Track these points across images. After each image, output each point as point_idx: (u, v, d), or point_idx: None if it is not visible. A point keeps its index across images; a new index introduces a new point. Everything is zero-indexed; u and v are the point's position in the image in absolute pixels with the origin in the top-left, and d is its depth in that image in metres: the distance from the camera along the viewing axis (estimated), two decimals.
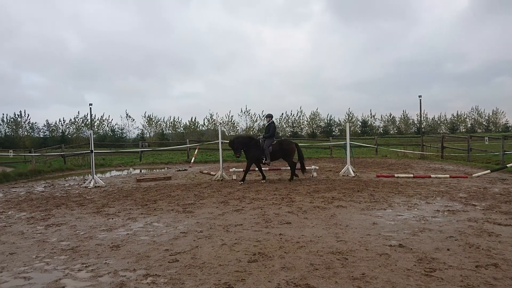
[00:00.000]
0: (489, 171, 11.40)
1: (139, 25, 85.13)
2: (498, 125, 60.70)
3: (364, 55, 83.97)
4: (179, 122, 54.54)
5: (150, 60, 78.93)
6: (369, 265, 3.77)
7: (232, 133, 50.28)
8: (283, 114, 56.50)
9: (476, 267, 3.65)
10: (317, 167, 12.79)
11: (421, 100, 21.21)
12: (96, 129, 50.21)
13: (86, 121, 50.14)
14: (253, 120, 53.89)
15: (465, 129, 59.55)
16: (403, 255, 4.04)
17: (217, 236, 5.06)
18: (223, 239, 4.87)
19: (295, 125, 56.35)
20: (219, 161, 12.81)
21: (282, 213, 6.45)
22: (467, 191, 8.39)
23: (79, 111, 57.81)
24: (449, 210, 6.38)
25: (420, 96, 21.17)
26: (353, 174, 11.97)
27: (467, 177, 10.73)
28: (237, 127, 53.95)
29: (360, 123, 56.94)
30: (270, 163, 11.32)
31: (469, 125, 60.40)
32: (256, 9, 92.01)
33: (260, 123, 52.46)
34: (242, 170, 11.91)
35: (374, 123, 57.70)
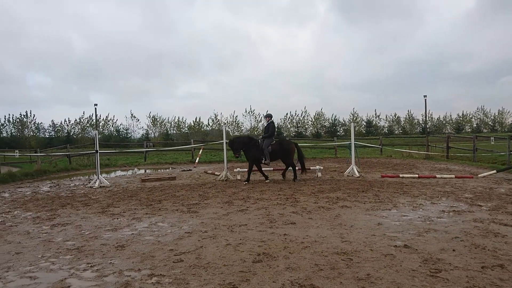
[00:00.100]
0: (495, 171, 11.33)
1: (143, 25, 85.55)
2: (504, 125, 60.21)
3: (369, 55, 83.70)
4: (184, 122, 54.61)
5: (154, 60, 79.14)
6: (374, 265, 3.76)
7: (236, 133, 50.20)
8: (287, 114, 56.35)
9: (482, 268, 3.63)
10: (321, 167, 12.77)
11: (426, 99, 21.03)
12: (101, 129, 50.39)
13: (91, 121, 50.32)
14: (258, 120, 53.83)
15: (470, 129, 59.14)
16: (408, 256, 4.02)
17: (221, 236, 5.07)
18: (228, 239, 4.88)
19: (299, 125, 56.21)
20: (223, 161, 12.83)
21: (286, 213, 6.45)
22: (472, 191, 8.34)
23: (84, 111, 58.28)
24: (454, 210, 6.34)
25: (425, 96, 20.95)
26: (357, 174, 11.94)
27: (472, 178, 10.67)
28: (241, 127, 53.91)
29: (364, 123, 56.72)
30: (269, 163, 11.28)
31: (475, 125, 59.97)
32: (260, 9, 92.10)
33: (265, 123, 52.26)
34: (246, 170, 11.91)
35: (379, 123, 57.45)
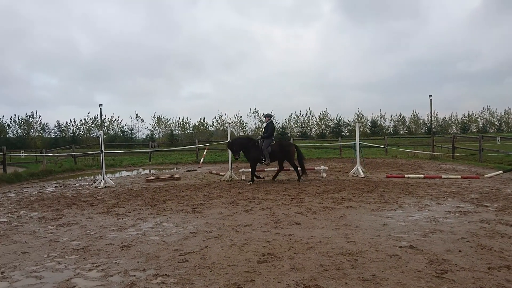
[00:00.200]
0: (501, 171, 11.24)
1: (148, 26, 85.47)
2: (510, 125, 59.71)
3: (373, 55, 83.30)
4: (188, 122, 54.61)
5: (159, 60, 79.15)
6: (379, 266, 3.74)
7: (241, 133, 50.22)
8: (292, 114, 56.29)
9: (488, 269, 3.60)
10: (326, 168, 12.75)
11: (431, 99, 20.88)
12: (106, 130, 50.47)
13: (96, 121, 50.47)
14: (262, 120, 53.70)
15: (476, 129, 58.66)
16: (414, 257, 4.00)
17: (226, 236, 5.07)
18: (232, 240, 4.88)
19: (304, 125, 56.10)
20: (228, 162, 12.82)
21: (291, 213, 6.43)
22: (479, 192, 8.28)
23: (89, 112, 58.53)
24: (460, 211, 6.30)
25: (430, 95, 20.78)
26: (362, 174, 11.90)
27: (478, 178, 10.60)
28: (246, 127, 53.90)
29: (369, 123, 56.44)
30: (269, 164, 11.24)
31: (481, 125, 59.49)
32: (264, 9, 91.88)
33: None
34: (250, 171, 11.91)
35: (384, 123, 57.12)
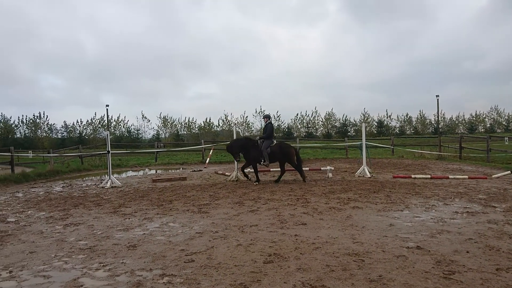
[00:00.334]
0: (509, 172, 11.15)
1: (153, 26, 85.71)
2: None
3: (379, 55, 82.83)
4: (194, 122, 54.74)
5: (164, 61, 79.35)
6: (386, 267, 3.72)
7: (246, 134, 50.21)
8: (297, 114, 56.26)
9: (496, 270, 3.57)
10: (332, 168, 12.71)
11: (438, 99, 20.73)
12: (112, 130, 50.78)
13: (102, 122, 50.80)
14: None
15: (484, 129, 58.11)
16: (421, 257, 3.97)
17: (232, 236, 5.07)
18: (239, 240, 4.88)
19: (309, 125, 56.00)
20: (234, 162, 12.83)
21: (297, 214, 6.42)
22: (486, 192, 8.21)
23: (95, 112, 59.03)
24: (468, 211, 6.25)
25: (437, 95, 20.63)
26: (369, 175, 11.85)
27: (486, 178, 10.51)
28: (251, 128, 53.91)
29: (376, 123, 56.18)
30: (268, 165, 11.20)
31: (488, 125, 58.91)
32: (269, 9, 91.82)
33: (275, 124, 52.32)
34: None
35: (390, 123, 56.81)
